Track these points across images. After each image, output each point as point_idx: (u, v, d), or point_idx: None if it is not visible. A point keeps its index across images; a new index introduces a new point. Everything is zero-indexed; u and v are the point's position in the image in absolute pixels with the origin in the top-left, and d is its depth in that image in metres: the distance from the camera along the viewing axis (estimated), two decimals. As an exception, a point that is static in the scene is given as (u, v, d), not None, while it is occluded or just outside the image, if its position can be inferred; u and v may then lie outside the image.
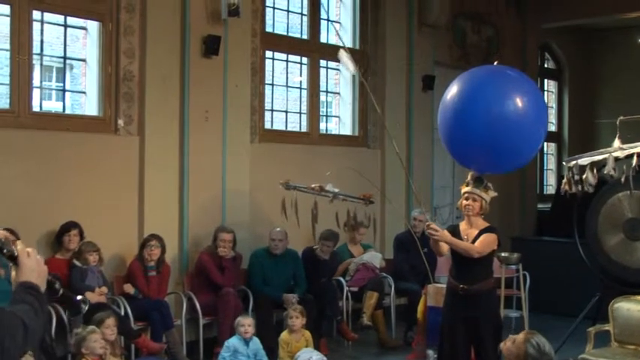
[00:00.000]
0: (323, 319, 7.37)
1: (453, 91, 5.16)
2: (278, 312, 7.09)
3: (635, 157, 5.88)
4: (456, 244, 5.26)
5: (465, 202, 5.33)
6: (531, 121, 5.05)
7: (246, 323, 6.08)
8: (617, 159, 6.07)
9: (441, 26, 9.93)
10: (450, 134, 5.23)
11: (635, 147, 5.99)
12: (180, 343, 6.72)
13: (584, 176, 6.31)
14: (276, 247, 7.42)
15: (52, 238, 6.43)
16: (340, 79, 9.46)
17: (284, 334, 6.32)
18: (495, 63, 5.61)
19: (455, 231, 5.41)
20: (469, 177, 5.36)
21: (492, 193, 5.35)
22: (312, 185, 6.64)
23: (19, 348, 2.32)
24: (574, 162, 6.42)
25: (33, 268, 2.48)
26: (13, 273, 2.48)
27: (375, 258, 8.17)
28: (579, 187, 6.32)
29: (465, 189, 5.36)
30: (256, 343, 6.12)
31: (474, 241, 5.27)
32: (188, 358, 6.76)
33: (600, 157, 6.12)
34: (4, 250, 2.48)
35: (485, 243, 5.22)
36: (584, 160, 6.34)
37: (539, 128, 5.19)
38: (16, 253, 2.47)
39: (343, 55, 5.24)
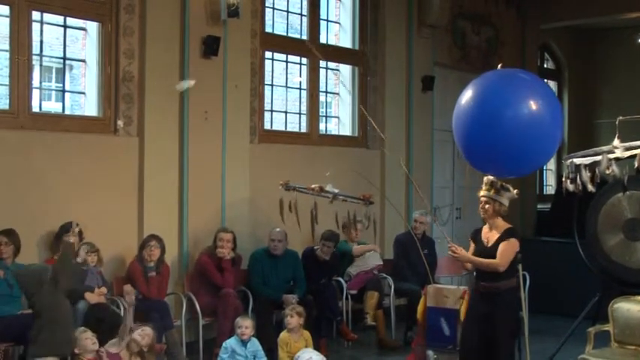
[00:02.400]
0: (323, 319, 7.36)
1: (468, 95, 5.02)
2: (278, 312, 7.09)
3: (637, 158, 5.85)
4: (479, 264, 5.43)
5: (480, 205, 5.47)
6: (548, 125, 4.97)
7: (244, 325, 6.05)
8: (618, 159, 6.03)
9: (440, 27, 9.94)
10: (466, 139, 5.11)
11: (633, 147, 5.95)
12: (179, 344, 6.71)
13: (583, 175, 6.28)
14: (276, 247, 7.42)
15: (52, 238, 6.41)
16: (340, 80, 9.45)
17: (283, 335, 6.31)
18: (499, 66, 5.53)
19: (477, 236, 5.57)
20: (484, 181, 5.45)
21: (509, 195, 5.43)
22: (312, 186, 6.63)
23: None
24: (570, 160, 6.41)
25: None
26: None
27: (376, 258, 8.21)
28: (578, 186, 6.30)
29: (479, 193, 5.48)
30: (255, 344, 6.10)
31: (493, 246, 5.40)
32: (188, 358, 6.76)
33: (597, 158, 6.08)
34: None
35: (506, 254, 5.35)
36: (580, 160, 6.31)
37: (556, 132, 5.12)
38: None
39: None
